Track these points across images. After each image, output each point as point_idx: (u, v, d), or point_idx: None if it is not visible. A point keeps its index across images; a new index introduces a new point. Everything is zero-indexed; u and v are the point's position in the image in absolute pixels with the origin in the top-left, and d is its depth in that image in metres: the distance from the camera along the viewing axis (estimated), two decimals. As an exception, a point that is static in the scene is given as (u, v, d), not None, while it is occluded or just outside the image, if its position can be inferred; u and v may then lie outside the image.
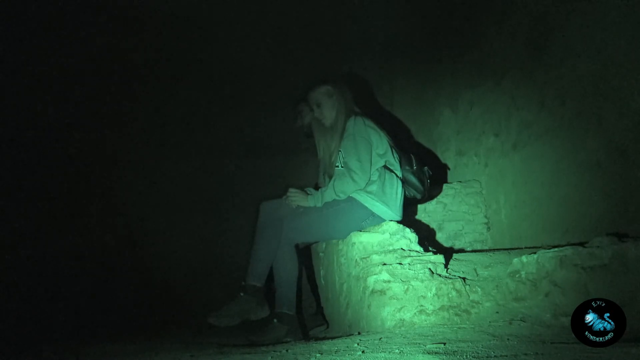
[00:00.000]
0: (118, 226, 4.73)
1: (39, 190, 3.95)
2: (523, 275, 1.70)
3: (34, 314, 3.49)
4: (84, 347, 2.42)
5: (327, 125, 2.67)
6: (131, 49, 4.21)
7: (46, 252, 3.92)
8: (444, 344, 1.38)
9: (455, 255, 2.22)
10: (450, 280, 1.79)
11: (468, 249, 3.18)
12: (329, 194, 2.49)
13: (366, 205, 2.43)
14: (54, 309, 3.65)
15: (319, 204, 2.51)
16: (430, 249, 2.11)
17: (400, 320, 1.72)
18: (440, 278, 1.81)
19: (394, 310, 1.74)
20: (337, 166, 2.55)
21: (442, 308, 1.73)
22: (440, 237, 3.33)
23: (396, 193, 2.47)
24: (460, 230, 3.35)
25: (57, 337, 3.07)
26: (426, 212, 3.37)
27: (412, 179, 2.57)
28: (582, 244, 1.65)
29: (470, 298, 1.76)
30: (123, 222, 4.76)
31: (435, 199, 3.34)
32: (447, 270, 1.92)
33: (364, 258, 2.03)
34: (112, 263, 4.48)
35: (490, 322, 1.65)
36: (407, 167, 2.58)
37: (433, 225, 3.36)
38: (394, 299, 1.76)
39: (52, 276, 3.86)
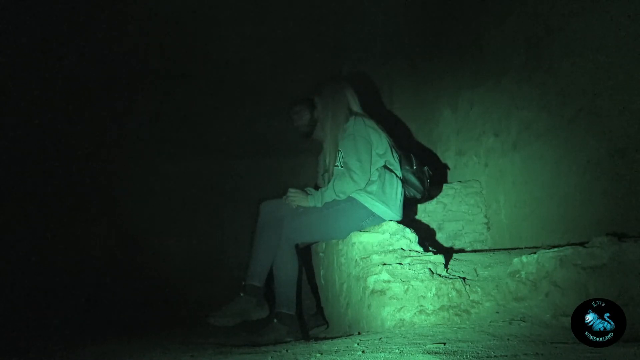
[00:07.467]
0: (118, 226, 4.73)
1: (39, 190, 3.95)
2: (523, 275, 1.70)
3: (33, 314, 3.49)
4: (83, 347, 2.42)
5: (324, 125, 2.67)
6: (131, 49, 4.21)
7: (46, 252, 3.92)
8: (444, 344, 1.37)
9: (455, 255, 2.22)
10: (450, 280, 1.78)
11: (468, 249, 3.18)
12: (328, 194, 2.49)
13: (366, 205, 2.43)
14: (53, 308, 3.65)
15: (319, 204, 2.51)
16: (430, 249, 2.11)
17: (400, 320, 1.72)
18: (440, 278, 1.80)
19: (394, 310, 1.73)
20: (337, 166, 2.54)
21: (442, 308, 1.73)
22: (440, 237, 3.33)
23: (396, 193, 2.47)
24: (460, 230, 3.34)
25: (56, 336, 3.06)
26: (426, 212, 3.36)
27: (412, 178, 2.57)
28: (582, 244, 1.64)
29: (470, 298, 1.76)
30: (123, 222, 4.76)
31: (435, 199, 3.33)
32: (447, 270, 1.92)
33: (364, 258, 2.03)
34: (112, 263, 4.48)
35: (490, 322, 1.65)
36: (407, 167, 2.58)
37: (433, 225, 3.35)
38: (394, 299, 1.76)
39: (52, 276, 3.86)
